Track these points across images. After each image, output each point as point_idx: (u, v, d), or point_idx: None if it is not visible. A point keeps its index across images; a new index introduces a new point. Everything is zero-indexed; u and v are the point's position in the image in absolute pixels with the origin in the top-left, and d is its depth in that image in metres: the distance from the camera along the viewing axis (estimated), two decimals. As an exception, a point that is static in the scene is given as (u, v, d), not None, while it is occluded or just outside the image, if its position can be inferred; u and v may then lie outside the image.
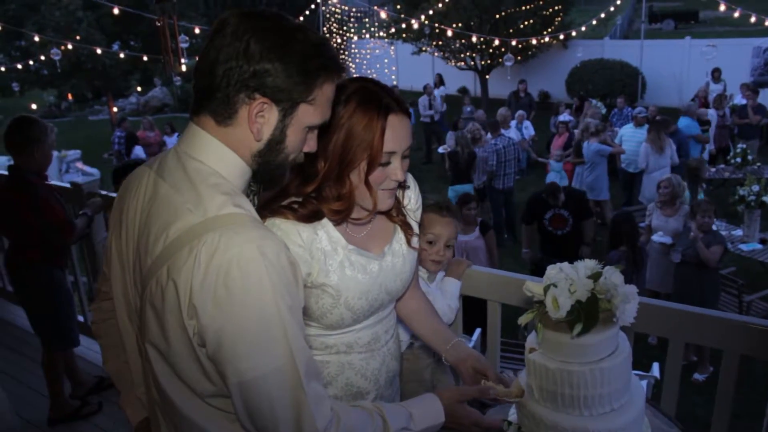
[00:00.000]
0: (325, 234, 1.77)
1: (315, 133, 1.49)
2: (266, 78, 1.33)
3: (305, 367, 1.30)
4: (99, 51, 18.51)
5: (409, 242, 1.95)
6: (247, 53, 1.31)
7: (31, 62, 19.89)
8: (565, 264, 1.64)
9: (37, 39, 17.16)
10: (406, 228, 1.95)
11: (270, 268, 1.26)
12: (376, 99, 1.68)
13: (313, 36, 1.39)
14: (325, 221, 1.77)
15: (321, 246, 1.76)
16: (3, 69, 20.85)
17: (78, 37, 19.70)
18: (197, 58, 1.40)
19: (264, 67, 1.32)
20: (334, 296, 1.78)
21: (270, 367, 1.26)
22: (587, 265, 1.62)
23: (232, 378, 1.27)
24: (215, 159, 1.39)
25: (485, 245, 6.45)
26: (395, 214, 1.93)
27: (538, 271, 6.24)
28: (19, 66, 20.01)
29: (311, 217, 1.74)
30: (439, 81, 17.38)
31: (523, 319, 1.76)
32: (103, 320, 1.74)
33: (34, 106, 22.95)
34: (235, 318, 1.24)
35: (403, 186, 1.92)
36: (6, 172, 4.08)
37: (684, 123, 10.81)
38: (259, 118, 1.37)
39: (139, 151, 13.16)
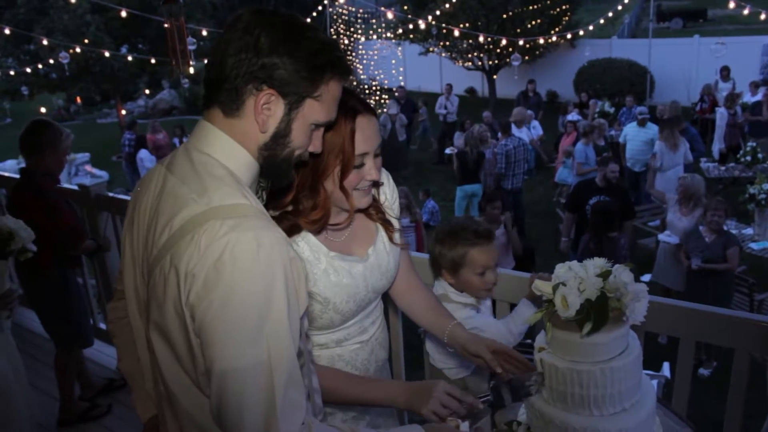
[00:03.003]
0: (306, 244, 1.79)
1: (320, 132, 1.51)
2: (274, 71, 1.35)
3: (286, 374, 1.27)
4: (107, 54, 18.58)
5: (391, 239, 1.97)
6: (257, 46, 1.34)
7: (40, 66, 19.97)
8: (575, 262, 1.63)
9: (45, 43, 17.23)
10: (387, 225, 1.97)
11: (265, 259, 1.25)
12: (342, 103, 1.66)
13: (322, 35, 1.43)
14: (304, 232, 1.78)
15: (304, 256, 1.78)
16: (12, 73, 20.96)
17: (86, 41, 19.74)
18: (210, 54, 1.43)
19: (273, 60, 1.35)
20: (322, 303, 1.80)
21: (243, 363, 1.24)
22: (596, 263, 1.61)
23: (209, 364, 1.26)
24: (222, 152, 1.41)
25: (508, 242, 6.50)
26: (374, 212, 1.94)
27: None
28: (28, 70, 20.07)
29: (289, 232, 1.74)
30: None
31: (532, 319, 1.76)
32: (118, 319, 1.76)
33: (43, 110, 23.09)
34: (219, 302, 1.23)
35: (377, 184, 1.92)
36: (18, 175, 4.10)
37: None
38: (266, 110, 1.38)
39: (144, 155, 13.18)
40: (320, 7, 19.88)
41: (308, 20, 1.45)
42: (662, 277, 6.74)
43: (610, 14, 17.76)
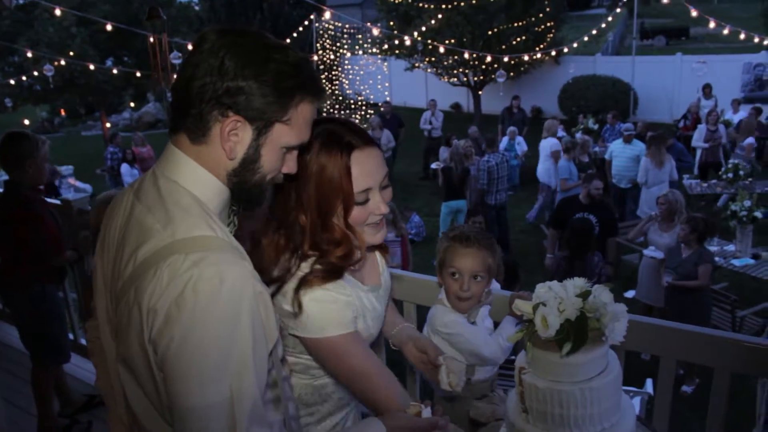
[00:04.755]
0: (353, 289, 1.77)
1: (294, 153, 1.47)
2: (239, 96, 1.30)
3: (249, 412, 1.24)
4: (92, 67, 18.52)
5: (387, 261, 2.00)
6: (222, 70, 1.29)
7: (24, 78, 19.90)
8: (554, 282, 1.64)
9: (30, 55, 17.17)
10: (382, 249, 1.97)
11: (228, 296, 1.22)
12: (337, 139, 1.65)
13: (292, 55, 1.37)
14: (347, 277, 1.77)
15: (364, 303, 1.79)
16: (-4, 85, 20.88)
17: (71, 53, 19.71)
18: (176, 76, 1.38)
19: (238, 84, 1.30)
20: (368, 339, 1.81)
21: (205, 401, 1.21)
22: (576, 283, 1.62)
23: (172, 401, 1.24)
24: (189, 179, 1.36)
25: None
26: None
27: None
28: (12, 81, 19.99)
29: (332, 275, 1.70)
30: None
31: (512, 338, 1.76)
32: (96, 337, 1.73)
33: (26, 122, 22.95)
34: (180, 339, 1.21)
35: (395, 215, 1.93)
36: (2, 189, 4.09)
37: None
38: (232, 137, 1.34)
39: (125, 170, 13.11)
40: (306, 22, 19.97)
41: (291, 36, 1.41)
42: (644, 295, 6.77)
43: (594, 32, 17.99)
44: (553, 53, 18.29)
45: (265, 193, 1.48)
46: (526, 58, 17.75)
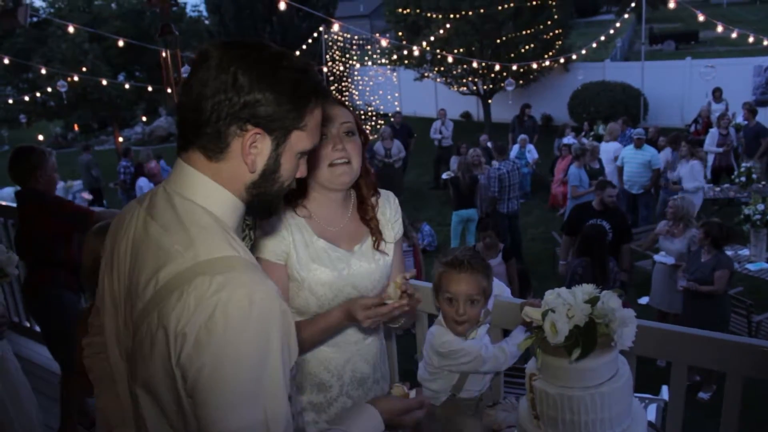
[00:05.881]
0: (295, 224, 1.93)
1: (305, 158, 1.47)
2: (258, 108, 1.30)
3: (283, 430, 1.24)
4: (104, 82, 18.72)
5: (376, 246, 2.06)
6: (236, 85, 1.28)
7: (38, 94, 20.13)
8: (563, 289, 1.65)
9: (44, 71, 17.34)
10: (377, 233, 2.06)
11: (257, 317, 1.21)
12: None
13: (297, 62, 1.37)
14: (297, 217, 1.95)
15: (291, 230, 1.92)
16: (11, 101, 21.12)
17: (84, 69, 19.92)
18: (182, 94, 1.37)
19: (255, 97, 1.29)
20: (299, 280, 1.92)
21: (241, 424, 1.20)
22: (585, 289, 1.63)
23: (205, 426, 1.22)
24: (207, 198, 1.35)
25: (506, 272, 6.46)
26: (369, 217, 2.05)
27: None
28: (27, 98, 20.23)
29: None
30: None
31: (522, 345, 1.78)
32: (95, 354, 1.71)
33: (41, 137, 23.19)
34: (212, 363, 1.19)
35: (373, 189, 2.07)
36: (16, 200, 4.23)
37: None
38: (253, 149, 1.33)
39: (143, 183, 13.19)
40: (315, 34, 20.09)
41: (301, 48, 1.42)
42: (658, 302, 6.73)
43: (603, 38, 17.95)
44: (562, 60, 18.27)
45: (282, 201, 1.49)
46: (534, 66, 17.73)
